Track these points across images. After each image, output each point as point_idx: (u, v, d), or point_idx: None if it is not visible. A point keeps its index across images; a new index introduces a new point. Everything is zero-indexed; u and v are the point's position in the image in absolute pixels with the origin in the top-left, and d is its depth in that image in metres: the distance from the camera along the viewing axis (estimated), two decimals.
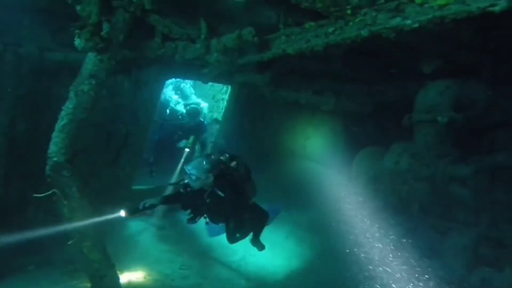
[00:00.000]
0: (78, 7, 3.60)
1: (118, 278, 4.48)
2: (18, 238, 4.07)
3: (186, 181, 3.93)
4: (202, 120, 8.15)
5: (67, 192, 3.85)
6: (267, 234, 4.77)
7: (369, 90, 7.64)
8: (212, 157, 4.17)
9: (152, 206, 3.88)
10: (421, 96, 6.32)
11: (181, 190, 3.95)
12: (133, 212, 3.73)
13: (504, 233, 5.91)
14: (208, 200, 3.92)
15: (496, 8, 2.62)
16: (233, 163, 4.18)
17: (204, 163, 3.91)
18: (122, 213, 3.69)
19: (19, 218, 5.03)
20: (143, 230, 6.74)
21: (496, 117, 6.64)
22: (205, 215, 4.11)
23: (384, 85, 7.49)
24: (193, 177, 3.83)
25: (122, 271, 5.32)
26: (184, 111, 8.09)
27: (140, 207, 3.74)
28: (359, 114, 7.73)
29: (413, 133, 6.43)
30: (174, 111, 8.35)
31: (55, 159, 3.81)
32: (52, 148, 3.85)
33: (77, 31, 3.59)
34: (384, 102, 7.58)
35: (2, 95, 4.74)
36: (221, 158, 4.18)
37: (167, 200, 4.09)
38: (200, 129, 7.90)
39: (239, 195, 4.08)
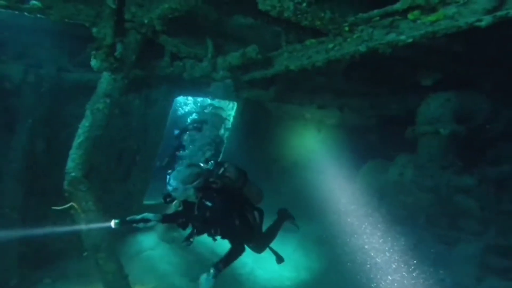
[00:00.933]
0: (94, 29, 3.87)
1: None
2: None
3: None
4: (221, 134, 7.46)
5: (84, 206, 4.03)
6: (275, 247, 4.82)
7: (372, 104, 7.81)
8: (195, 166, 3.90)
9: (144, 221, 3.75)
10: (422, 108, 6.46)
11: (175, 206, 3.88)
12: (122, 224, 3.68)
13: None
14: (197, 213, 3.75)
15: (482, 23, 2.80)
16: (221, 170, 3.93)
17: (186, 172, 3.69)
18: (112, 223, 3.68)
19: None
20: (154, 244, 6.86)
21: (501, 128, 6.75)
22: (212, 232, 3.87)
23: (387, 98, 7.65)
24: (170, 188, 3.68)
25: (134, 284, 5.42)
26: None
27: (128, 219, 3.70)
28: (363, 127, 7.88)
29: (417, 145, 6.55)
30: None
31: (72, 174, 4.02)
32: (70, 164, 4.06)
33: (93, 52, 3.85)
34: (387, 115, 7.73)
35: (24, 115, 5.04)
36: (205, 166, 3.96)
37: (166, 219, 3.95)
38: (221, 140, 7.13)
39: (236, 202, 3.92)
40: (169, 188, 3.68)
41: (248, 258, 6.76)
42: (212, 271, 3.53)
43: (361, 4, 3.50)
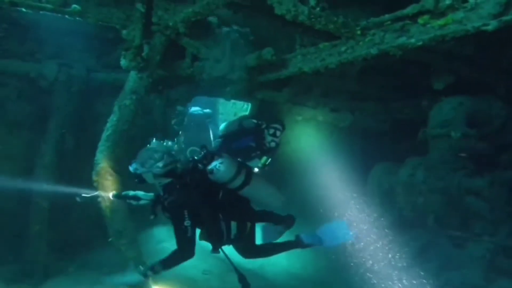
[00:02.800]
0: (124, 32, 4.20)
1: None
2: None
3: None
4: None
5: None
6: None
7: (385, 108, 7.94)
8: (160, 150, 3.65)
9: (135, 198, 3.84)
10: (435, 111, 6.53)
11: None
12: (117, 197, 4.08)
13: None
14: (153, 203, 3.75)
15: (489, 27, 2.97)
16: (213, 164, 3.62)
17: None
18: (110, 195, 4.11)
19: (66, 223, 5.61)
20: (167, 237, 7.09)
21: None
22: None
23: (400, 102, 7.77)
24: (131, 168, 3.58)
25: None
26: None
27: (123, 194, 4.03)
28: (376, 131, 8.01)
29: (428, 148, 6.65)
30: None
31: (100, 165, 4.33)
32: (98, 155, 4.38)
33: (123, 52, 4.17)
34: (400, 119, 7.84)
35: (55, 113, 5.40)
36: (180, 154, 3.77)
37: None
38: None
39: (211, 203, 3.69)
40: (130, 168, 3.59)
41: None
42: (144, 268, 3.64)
43: (373, 9, 3.70)
